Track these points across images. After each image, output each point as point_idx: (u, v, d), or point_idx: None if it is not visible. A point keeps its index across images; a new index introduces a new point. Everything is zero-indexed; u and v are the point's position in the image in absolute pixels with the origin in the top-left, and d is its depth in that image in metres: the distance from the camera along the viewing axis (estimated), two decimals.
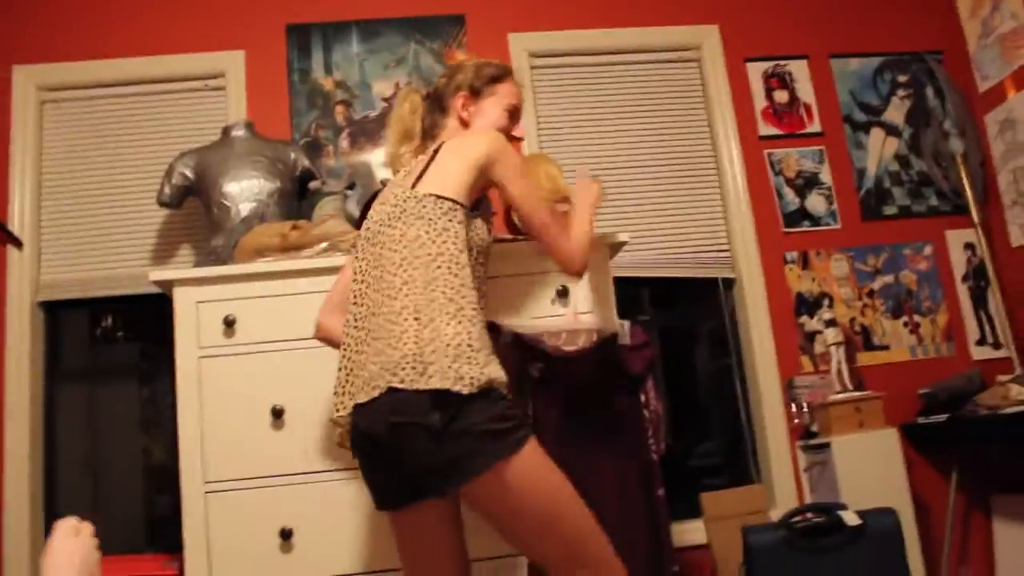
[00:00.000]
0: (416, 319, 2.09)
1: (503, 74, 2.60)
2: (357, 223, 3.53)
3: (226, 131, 3.77)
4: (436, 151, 2.41)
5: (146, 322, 3.99)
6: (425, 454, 2.01)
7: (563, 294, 3.16)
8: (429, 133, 2.61)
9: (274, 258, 3.13)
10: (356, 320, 2.27)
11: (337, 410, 2.24)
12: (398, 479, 2.13)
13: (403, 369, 2.05)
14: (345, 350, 2.26)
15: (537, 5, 4.39)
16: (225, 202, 3.55)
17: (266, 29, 4.23)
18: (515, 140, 2.66)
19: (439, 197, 2.28)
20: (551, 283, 3.16)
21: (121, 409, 3.94)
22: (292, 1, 4.29)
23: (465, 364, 2.04)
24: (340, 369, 2.26)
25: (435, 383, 2.01)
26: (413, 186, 2.34)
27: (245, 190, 3.57)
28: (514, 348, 2.94)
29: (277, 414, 2.87)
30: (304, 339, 2.95)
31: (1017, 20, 4.34)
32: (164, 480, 3.85)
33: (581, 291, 3.16)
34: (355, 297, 2.31)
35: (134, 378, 3.97)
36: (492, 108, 2.56)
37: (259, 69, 4.16)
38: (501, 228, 3.74)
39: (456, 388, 2.00)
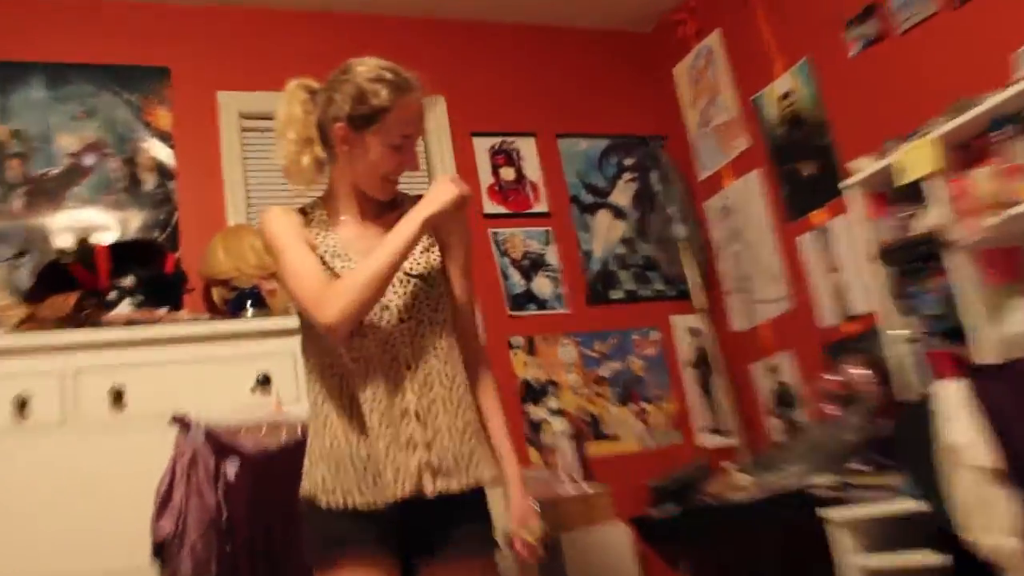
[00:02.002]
0: None
1: (390, 102, 2.05)
2: (30, 295, 3.22)
3: None
4: None
5: None
6: None
7: (265, 381, 3.00)
8: (326, 146, 2.14)
9: None
10: None
11: None
12: None
13: None
14: None
15: (249, 63, 4.19)
16: None
17: None
18: (410, 169, 2.16)
19: None
20: (251, 368, 3.01)
21: None
22: None
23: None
24: None
25: None
26: None
27: None
28: (206, 446, 2.72)
29: None
30: None
31: (730, 113, 4.56)
32: None
33: (286, 377, 2.97)
34: None
35: None
36: (374, 146, 2.08)
37: None
38: (198, 306, 3.45)
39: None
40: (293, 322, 2.97)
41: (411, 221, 2.03)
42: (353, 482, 1.99)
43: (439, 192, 2.07)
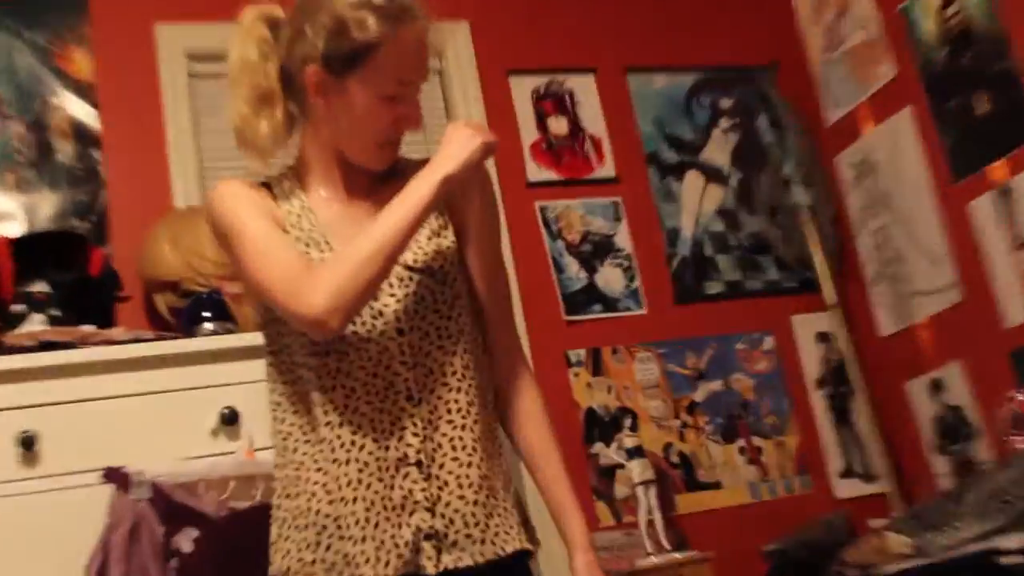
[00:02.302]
0: None
1: (380, 35, 2.04)
2: None
3: None
4: None
5: None
6: None
7: (231, 419, 3.06)
8: (289, 111, 2.19)
9: None
10: None
11: None
12: None
13: None
14: None
15: None
16: None
17: None
18: (411, 126, 2.16)
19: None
20: (212, 403, 3.06)
21: None
22: None
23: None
24: None
25: None
26: None
27: None
28: (152, 511, 2.80)
29: None
30: None
31: (869, 31, 4.56)
32: None
33: (259, 412, 2.99)
34: None
35: None
36: (360, 97, 2.09)
37: None
38: (137, 320, 3.53)
39: None
40: None
41: (425, 181, 2.02)
42: (339, 552, 2.01)
43: (459, 143, 2.07)
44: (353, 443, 2.01)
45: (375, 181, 2.19)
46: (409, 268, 2.08)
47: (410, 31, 2.07)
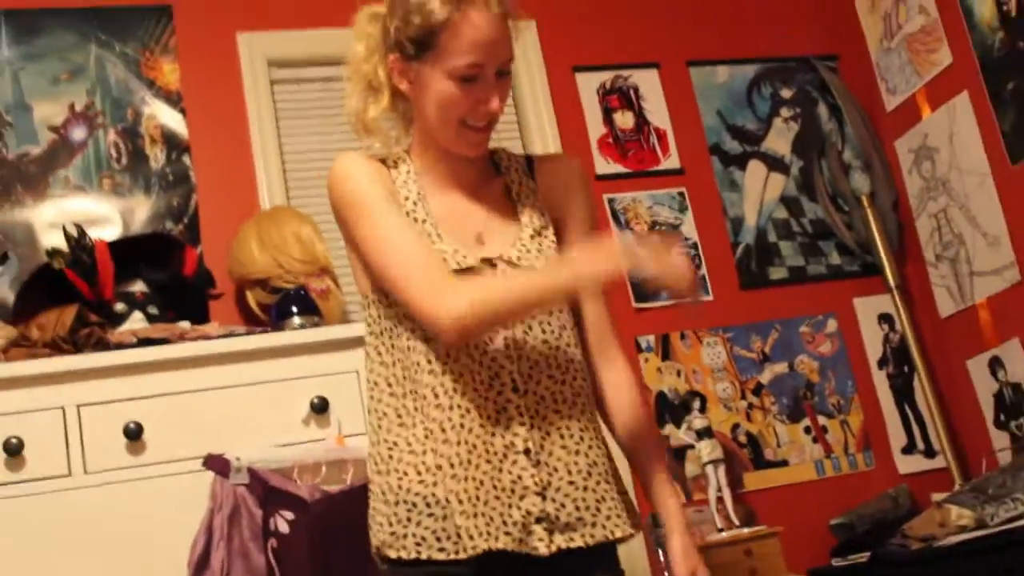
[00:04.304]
0: None
1: (444, 17, 2.11)
2: (16, 312, 3.39)
3: None
4: None
5: None
6: None
7: (321, 408, 3.11)
8: (396, 103, 2.30)
9: None
10: None
11: None
12: None
13: None
14: None
15: None
16: None
17: None
18: (490, 112, 2.23)
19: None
20: (302, 392, 3.13)
21: None
22: None
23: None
24: None
25: None
26: None
27: None
28: (250, 494, 2.87)
29: None
30: None
31: (926, 17, 4.57)
32: None
33: (348, 401, 3.09)
34: None
35: None
36: (434, 80, 2.16)
37: None
38: (230, 315, 3.62)
39: None
40: (354, 331, 3.17)
41: (570, 274, 2.10)
42: (429, 529, 2.06)
43: (610, 255, 2.08)
44: (462, 426, 2.07)
45: (481, 176, 2.27)
46: (513, 264, 2.15)
47: (476, 14, 2.11)
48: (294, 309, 3.49)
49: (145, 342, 3.21)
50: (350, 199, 2.16)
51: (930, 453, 4.50)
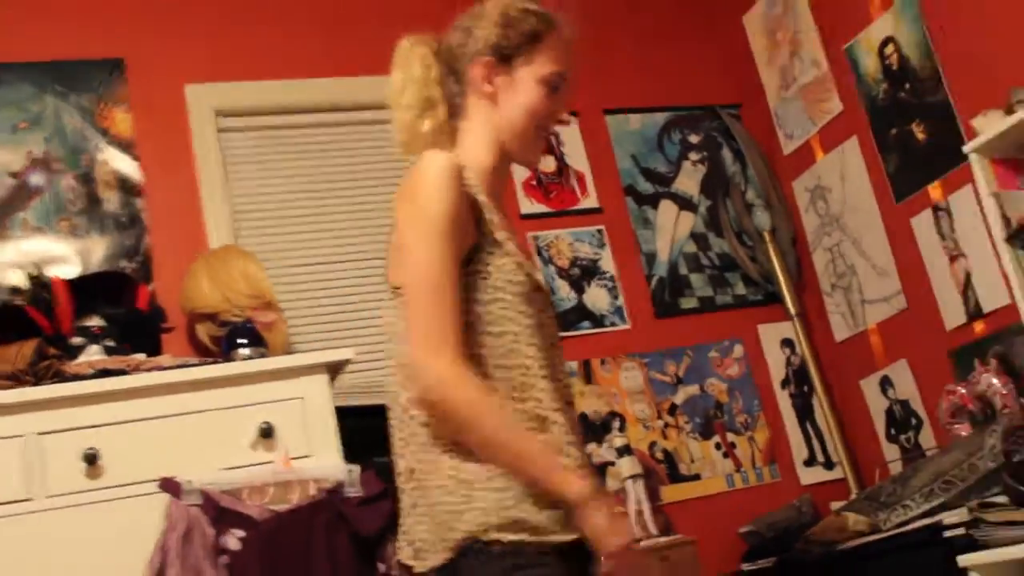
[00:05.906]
0: None
1: (543, 28, 2.21)
2: None
3: None
4: None
5: None
6: None
7: (267, 433, 3.10)
8: (452, 107, 2.27)
9: None
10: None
11: None
12: None
13: None
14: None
15: (222, 47, 4.31)
16: None
17: None
18: (562, 122, 2.31)
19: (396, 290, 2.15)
20: (250, 419, 3.11)
21: None
22: None
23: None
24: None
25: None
26: None
27: None
28: (202, 515, 2.85)
29: None
30: None
31: (817, 70, 4.65)
32: None
33: (292, 426, 3.09)
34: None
35: None
36: (526, 82, 2.20)
37: None
38: (181, 348, 3.61)
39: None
40: (298, 360, 3.17)
41: (561, 480, 1.98)
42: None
43: (610, 529, 1.99)
44: (547, 376, 2.09)
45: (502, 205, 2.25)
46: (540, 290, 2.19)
47: (564, 31, 2.24)
48: (242, 341, 3.47)
49: (102, 373, 3.17)
50: (431, 213, 2.02)
51: (829, 465, 4.56)
